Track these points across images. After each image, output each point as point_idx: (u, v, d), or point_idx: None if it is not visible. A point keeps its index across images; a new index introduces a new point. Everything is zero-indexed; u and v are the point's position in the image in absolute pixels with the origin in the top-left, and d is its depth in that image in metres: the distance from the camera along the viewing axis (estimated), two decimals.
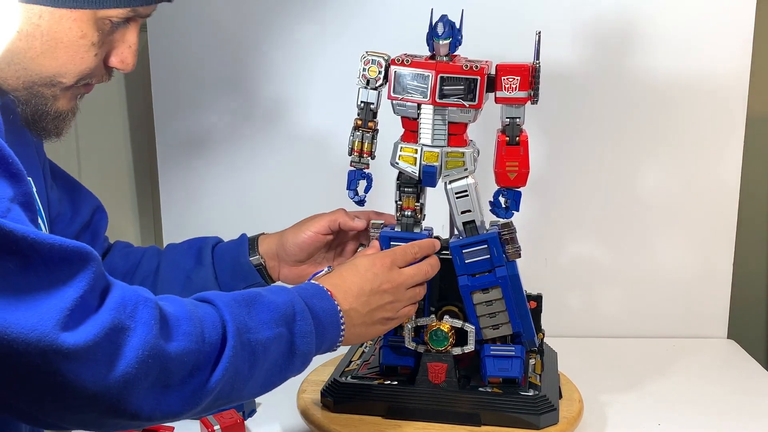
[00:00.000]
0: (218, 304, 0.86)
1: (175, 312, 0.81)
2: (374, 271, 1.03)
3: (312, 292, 0.97)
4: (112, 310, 0.75)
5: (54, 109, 0.97)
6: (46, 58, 0.92)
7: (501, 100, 1.10)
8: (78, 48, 0.93)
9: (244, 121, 1.57)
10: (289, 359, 0.91)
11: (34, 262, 0.72)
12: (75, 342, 0.71)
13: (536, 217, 1.52)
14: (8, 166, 0.77)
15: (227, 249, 1.23)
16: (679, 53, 1.47)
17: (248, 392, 0.88)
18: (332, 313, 0.97)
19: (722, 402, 1.31)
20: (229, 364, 0.82)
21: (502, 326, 1.15)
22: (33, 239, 0.71)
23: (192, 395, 0.80)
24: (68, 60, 0.93)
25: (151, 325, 0.76)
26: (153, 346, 0.76)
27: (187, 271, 1.21)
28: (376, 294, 1.02)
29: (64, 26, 0.91)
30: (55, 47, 0.92)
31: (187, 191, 1.61)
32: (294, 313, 0.92)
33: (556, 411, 1.14)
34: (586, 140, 1.53)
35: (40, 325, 0.69)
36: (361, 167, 1.14)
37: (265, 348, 0.87)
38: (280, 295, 0.93)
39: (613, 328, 1.59)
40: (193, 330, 0.81)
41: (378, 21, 1.49)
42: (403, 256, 1.08)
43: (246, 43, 1.54)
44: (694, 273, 1.56)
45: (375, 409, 1.16)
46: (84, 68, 0.95)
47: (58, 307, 0.71)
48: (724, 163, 1.52)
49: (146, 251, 1.25)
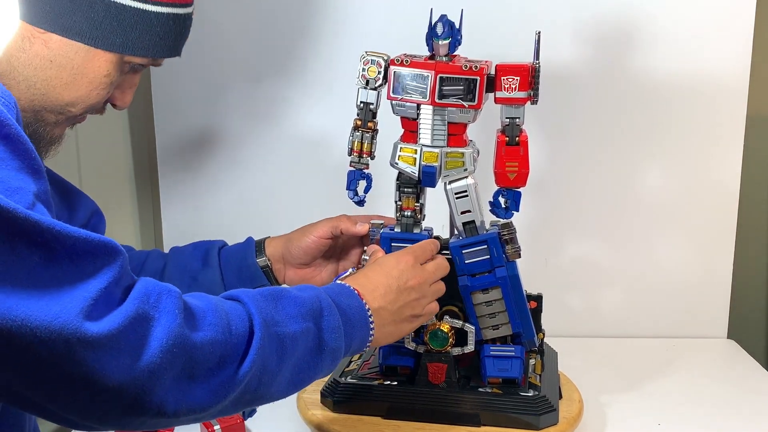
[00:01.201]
0: (243, 299, 0.86)
1: (200, 304, 0.81)
2: (400, 268, 1.03)
3: (338, 291, 0.96)
4: (135, 300, 0.75)
5: (50, 134, 1.01)
6: (68, 89, 0.98)
7: (501, 101, 1.10)
8: (98, 84, 0.99)
9: (244, 121, 1.57)
10: (318, 355, 0.89)
11: (59, 255, 0.72)
12: (99, 331, 0.70)
13: (536, 217, 1.52)
14: (32, 161, 0.78)
15: (234, 251, 1.24)
16: (679, 53, 1.47)
17: (276, 389, 0.86)
18: (360, 310, 0.96)
19: (722, 402, 1.31)
20: (257, 355, 0.81)
21: (502, 326, 1.15)
22: (59, 231, 0.72)
23: (219, 388, 0.79)
24: (86, 93, 0.99)
25: (175, 314, 0.76)
26: (178, 335, 0.75)
27: (193, 273, 1.21)
28: (404, 291, 1.02)
29: (94, 64, 0.98)
30: (80, 81, 0.98)
31: (187, 191, 1.61)
32: (321, 309, 0.91)
33: (555, 411, 1.14)
34: (585, 140, 1.53)
35: (64, 313, 0.69)
36: (360, 167, 1.14)
37: (293, 341, 0.86)
38: (306, 291, 0.92)
39: (613, 328, 1.59)
40: (219, 321, 0.80)
41: (378, 21, 1.49)
42: (423, 252, 1.08)
43: (246, 43, 1.54)
44: (694, 273, 1.56)
45: (375, 410, 1.16)
46: (95, 102, 1.01)
47: (82, 296, 0.71)
48: (724, 163, 1.52)
49: (150, 253, 1.26)
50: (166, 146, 1.60)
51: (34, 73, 0.97)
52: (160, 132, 1.59)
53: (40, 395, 0.73)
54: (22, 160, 0.77)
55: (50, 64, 0.97)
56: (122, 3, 0.96)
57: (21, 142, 0.78)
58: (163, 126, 1.59)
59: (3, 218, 0.69)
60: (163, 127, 1.59)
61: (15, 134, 0.77)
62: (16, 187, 0.75)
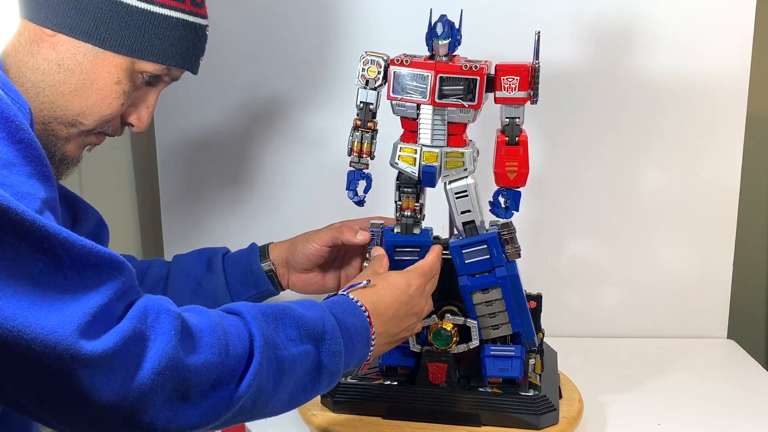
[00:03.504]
0: (246, 316, 0.84)
1: (199, 323, 0.79)
2: (410, 294, 1.04)
3: (348, 309, 0.95)
4: (133, 319, 0.73)
5: (61, 151, 1.00)
6: (77, 96, 0.96)
7: (500, 100, 1.10)
8: (109, 92, 0.97)
9: (243, 121, 1.57)
10: (317, 378, 0.88)
11: (64, 264, 0.71)
12: (93, 350, 0.69)
13: (536, 217, 1.52)
14: (44, 168, 0.78)
15: (238, 257, 1.23)
16: (679, 53, 1.47)
17: (270, 409, 0.85)
18: (365, 332, 0.95)
19: (722, 402, 1.31)
20: (254, 379, 0.80)
21: (501, 326, 1.15)
22: (65, 239, 0.71)
23: (212, 409, 0.78)
24: (97, 102, 0.97)
25: (170, 335, 0.75)
26: (171, 357, 0.74)
27: (197, 279, 1.21)
28: (406, 317, 1.03)
29: (104, 69, 0.96)
30: (90, 87, 0.96)
31: (187, 192, 1.61)
32: (324, 332, 0.89)
33: (556, 411, 1.14)
34: (585, 140, 1.53)
35: (60, 329, 0.68)
36: (360, 167, 1.14)
37: (291, 364, 0.85)
38: (311, 310, 0.90)
39: (613, 328, 1.59)
40: (217, 342, 0.79)
41: (377, 21, 1.49)
42: (432, 273, 1.09)
43: (246, 43, 1.54)
44: (694, 273, 1.56)
45: (375, 410, 1.16)
46: (107, 114, 0.99)
47: (82, 311, 0.70)
48: (724, 163, 1.52)
49: (153, 261, 1.26)
50: (166, 144, 1.60)
51: (42, 78, 0.96)
52: (159, 130, 1.59)
53: (33, 404, 0.73)
54: (34, 165, 0.77)
55: (58, 68, 0.96)
56: (129, 3, 0.95)
57: (34, 148, 0.77)
58: (164, 131, 1.59)
59: (9, 220, 0.69)
60: (163, 126, 1.59)
61: (28, 139, 0.77)
62: (26, 193, 0.74)
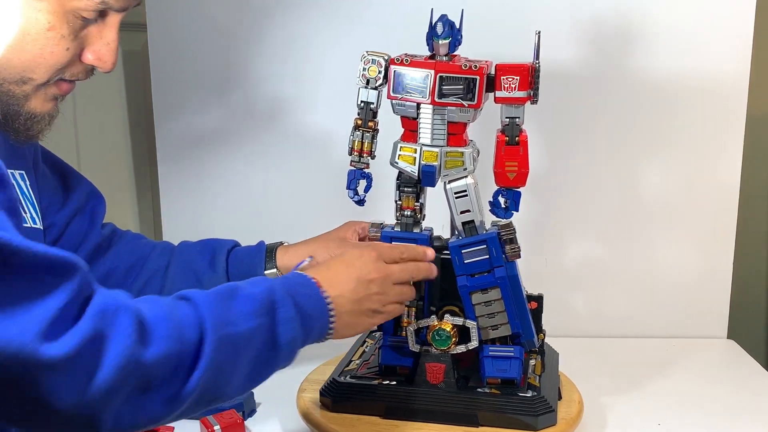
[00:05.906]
0: (196, 300, 0.84)
1: (154, 315, 0.79)
2: (362, 260, 1.03)
3: (295, 281, 0.95)
4: (91, 318, 0.73)
5: (26, 110, 0.94)
6: (15, 52, 0.90)
7: (500, 100, 1.10)
8: (47, 41, 0.90)
9: (244, 120, 1.57)
10: (273, 349, 0.89)
11: (16, 271, 0.70)
12: (55, 353, 0.69)
13: (536, 217, 1.52)
14: None
15: (243, 256, 1.22)
16: (679, 53, 1.47)
17: (234, 388, 0.86)
18: (317, 300, 0.95)
19: (722, 402, 1.31)
20: (210, 360, 0.80)
21: (501, 327, 1.15)
22: (16, 247, 0.69)
23: (174, 397, 0.79)
24: (38, 54, 0.91)
25: (129, 332, 0.75)
26: (131, 353, 0.74)
27: (198, 274, 1.20)
28: (364, 283, 1.01)
29: (30, 17, 0.89)
30: (23, 40, 0.90)
31: (187, 191, 1.61)
32: (274, 302, 0.89)
33: (554, 412, 1.14)
34: (585, 140, 1.53)
35: (21, 335, 0.68)
36: (360, 167, 1.14)
37: (246, 341, 0.85)
38: (259, 285, 0.91)
39: (613, 328, 1.58)
40: (172, 332, 0.79)
41: (378, 21, 1.49)
42: (389, 252, 1.07)
43: (246, 43, 1.54)
44: (694, 273, 1.56)
45: (373, 409, 1.16)
46: (55, 63, 0.92)
47: (40, 316, 0.69)
48: (724, 163, 1.52)
49: (156, 246, 1.24)
50: (166, 144, 1.60)
51: None
52: (159, 130, 1.59)
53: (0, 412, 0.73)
54: None
55: None
56: None
57: None
58: (163, 124, 1.59)
59: None
60: (163, 125, 1.59)
61: None
62: None
